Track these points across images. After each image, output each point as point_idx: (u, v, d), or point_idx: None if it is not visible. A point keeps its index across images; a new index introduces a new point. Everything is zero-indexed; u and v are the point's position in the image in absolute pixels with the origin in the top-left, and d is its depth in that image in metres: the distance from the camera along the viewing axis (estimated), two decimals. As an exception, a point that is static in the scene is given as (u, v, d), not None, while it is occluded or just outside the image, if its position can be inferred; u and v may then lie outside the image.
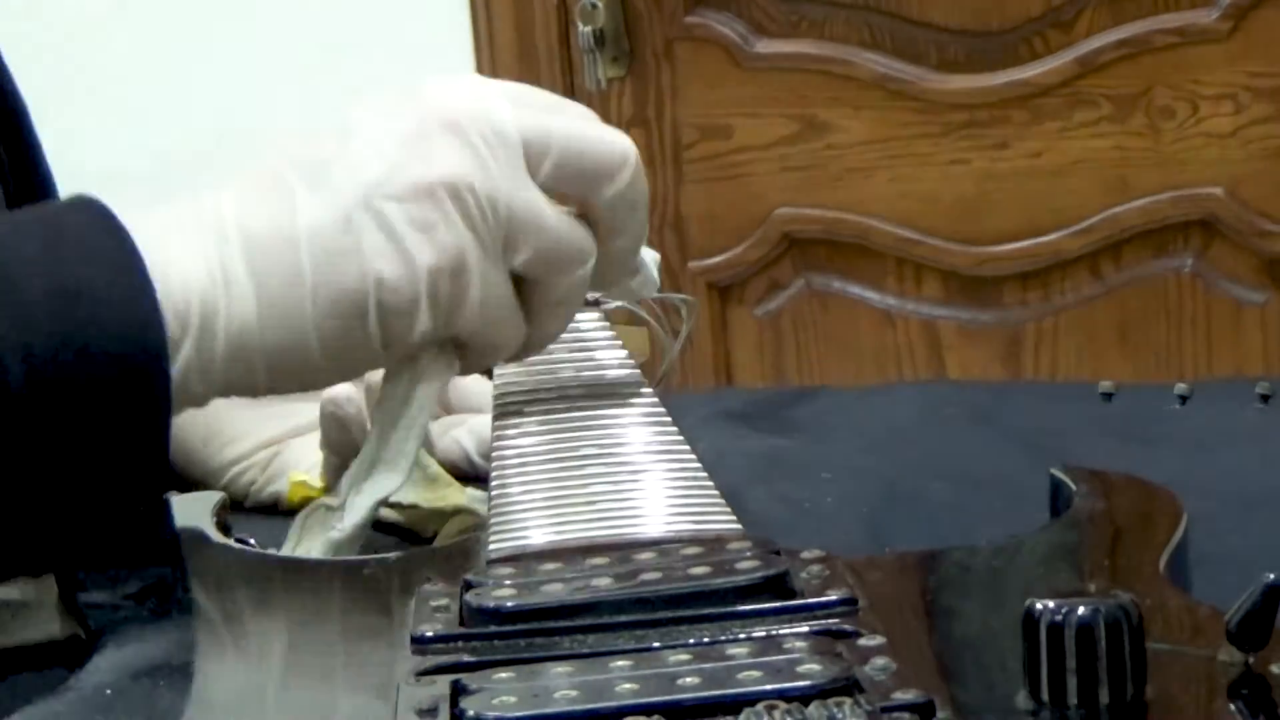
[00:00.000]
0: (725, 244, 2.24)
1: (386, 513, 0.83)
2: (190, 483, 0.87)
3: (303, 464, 0.87)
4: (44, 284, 0.61)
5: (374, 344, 0.66)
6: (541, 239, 0.68)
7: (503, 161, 0.68)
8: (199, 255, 0.64)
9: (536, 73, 2.24)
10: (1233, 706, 0.46)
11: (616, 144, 0.72)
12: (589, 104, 2.58)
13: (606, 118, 2.55)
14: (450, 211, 0.66)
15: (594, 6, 2.20)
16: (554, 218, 0.69)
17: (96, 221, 0.64)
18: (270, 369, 0.65)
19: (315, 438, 0.85)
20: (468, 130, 0.67)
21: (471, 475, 0.85)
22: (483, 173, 0.67)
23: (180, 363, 0.63)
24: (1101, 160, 2.13)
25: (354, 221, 0.65)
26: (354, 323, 0.65)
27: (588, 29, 2.20)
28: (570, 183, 0.70)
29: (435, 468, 0.83)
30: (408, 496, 0.82)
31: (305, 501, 0.83)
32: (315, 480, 0.85)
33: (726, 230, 2.24)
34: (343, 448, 0.81)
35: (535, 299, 0.70)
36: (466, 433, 0.87)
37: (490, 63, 2.26)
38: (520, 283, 0.69)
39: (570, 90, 2.24)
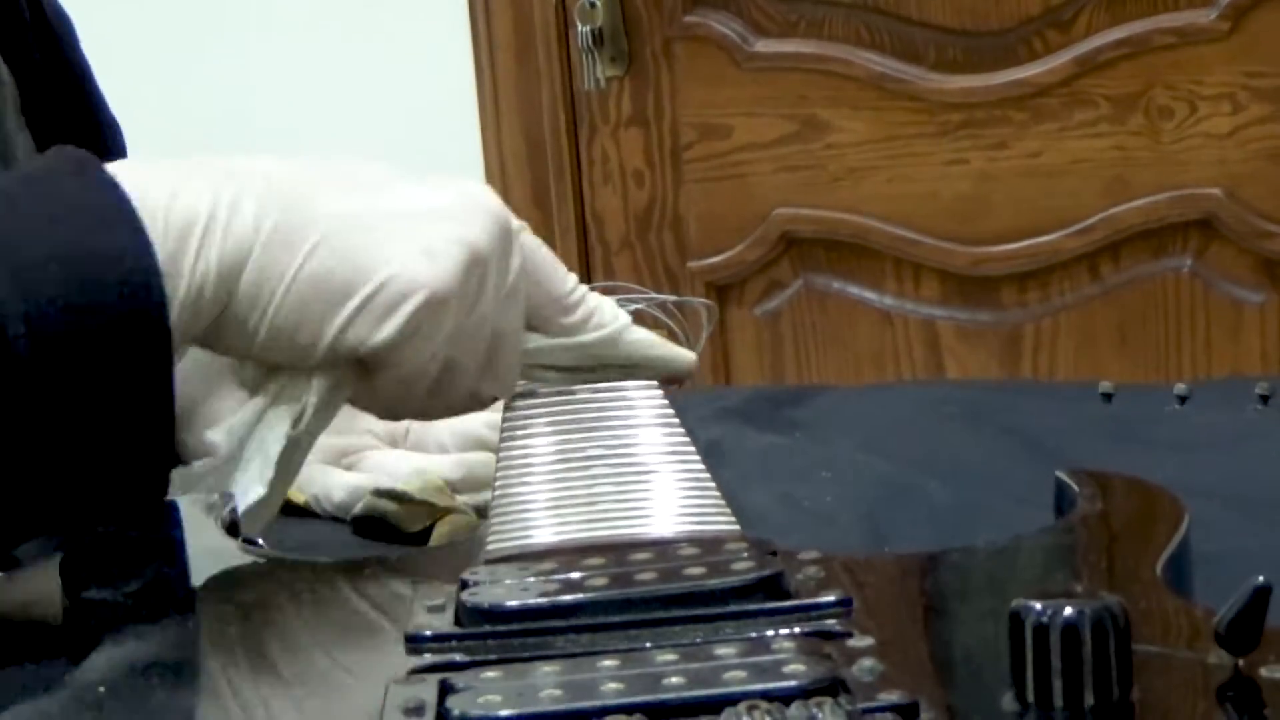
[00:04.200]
0: (724, 244, 2.25)
1: (379, 501, 0.83)
2: None
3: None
4: (44, 246, 0.62)
5: (329, 330, 0.66)
6: (503, 354, 0.71)
7: (504, 272, 0.70)
8: (208, 186, 0.65)
9: (535, 73, 2.24)
10: (1220, 709, 0.46)
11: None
12: (587, 103, 2.57)
13: (605, 117, 2.55)
14: (463, 262, 0.67)
15: (592, 6, 2.20)
16: (518, 348, 0.72)
17: (90, 177, 0.64)
18: (233, 319, 0.65)
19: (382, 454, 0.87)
20: (510, 233, 0.70)
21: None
22: (502, 266, 0.69)
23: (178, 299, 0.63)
24: (1100, 160, 2.13)
25: (375, 226, 0.67)
26: (327, 303, 0.66)
27: (586, 28, 2.20)
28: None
29: (432, 472, 0.83)
30: (400, 484, 0.83)
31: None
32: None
33: (725, 230, 2.24)
34: None
35: (437, 392, 0.71)
36: (444, 428, 0.88)
37: (489, 62, 2.27)
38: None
39: (569, 89, 2.24)
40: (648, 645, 0.52)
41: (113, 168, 0.65)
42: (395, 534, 0.83)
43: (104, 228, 0.63)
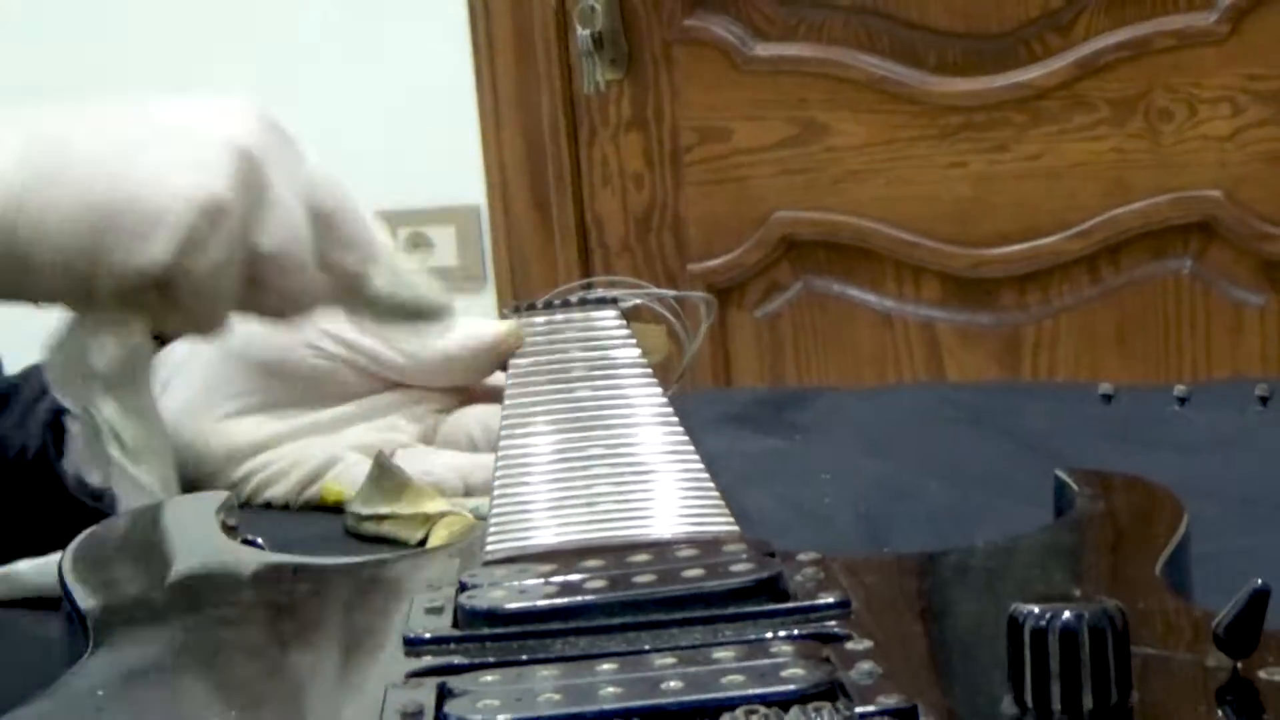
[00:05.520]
0: (724, 246, 2.24)
1: (360, 525, 0.83)
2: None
3: (334, 467, 0.89)
4: None
5: (103, 257, 0.66)
6: (291, 241, 0.69)
7: (292, 168, 0.69)
8: None
9: (535, 75, 2.24)
10: (1219, 712, 0.46)
11: (379, 236, 0.73)
12: (587, 106, 2.56)
13: (605, 120, 2.54)
14: (230, 160, 0.67)
15: (592, 9, 2.20)
16: (308, 237, 0.70)
17: None
18: (11, 257, 0.66)
19: (340, 438, 0.87)
20: (267, 121, 0.70)
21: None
22: (271, 156, 0.68)
23: None
24: (1100, 163, 2.13)
25: (136, 142, 0.67)
26: (100, 229, 0.66)
27: (586, 32, 2.20)
28: (325, 229, 0.71)
29: (404, 474, 0.83)
30: (378, 508, 0.83)
31: (341, 503, 0.85)
32: (351, 486, 0.87)
33: (725, 233, 2.24)
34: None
35: (248, 297, 0.70)
36: (474, 420, 0.88)
37: (489, 64, 2.26)
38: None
39: (569, 92, 2.24)
40: (646, 648, 0.52)
41: None
42: (395, 539, 0.83)
43: None
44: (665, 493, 0.66)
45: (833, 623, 0.53)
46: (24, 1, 2.35)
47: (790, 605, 0.55)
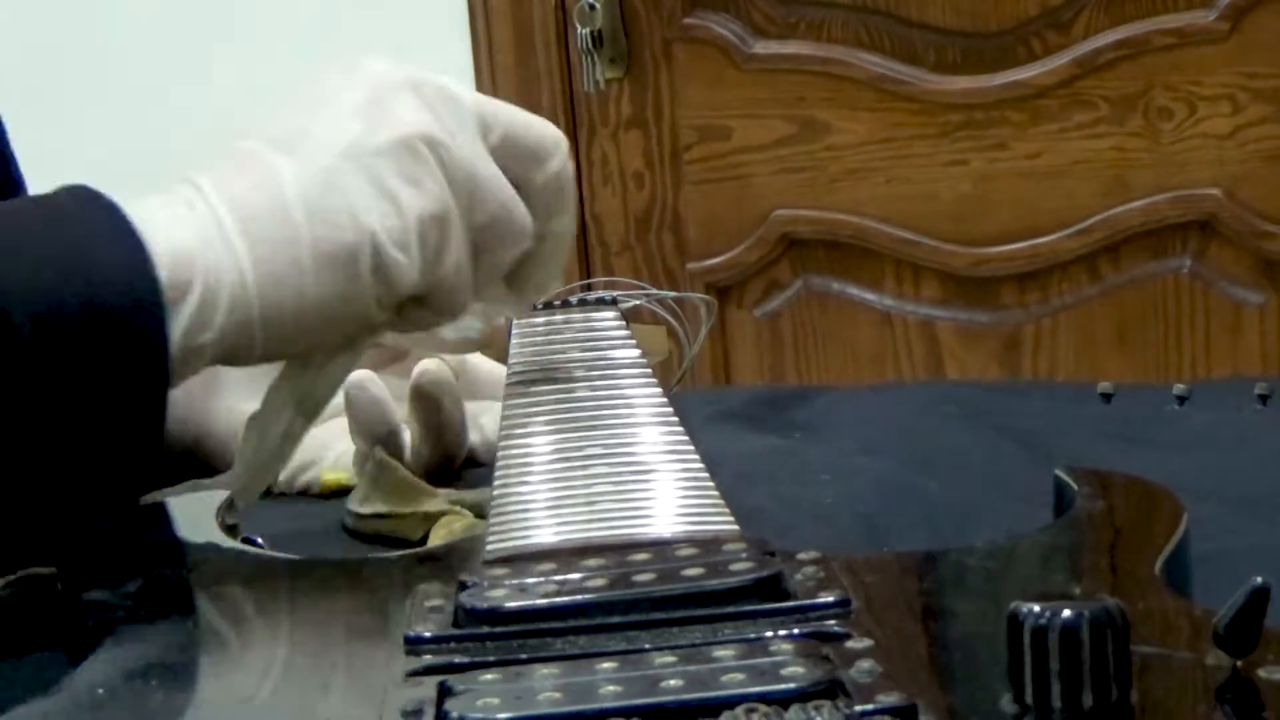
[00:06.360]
0: (724, 245, 2.25)
1: (359, 524, 0.83)
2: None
3: (328, 453, 0.88)
4: (46, 249, 0.64)
5: (367, 298, 0.68)
6: (498, 203, 0.70)
7: (460, 123, 0.70)
8: (189, 225, 0.66)
9: (535, 74, 2.24)
10: (1219, 711, 0.46)
11: (550, 129, 0.74)
12: (587, 105, 2.56)
13: (605, 119, 2.54)
14: (429, 162, 0.68)
15: (592, 8, 2.20)
16: (508, 185, 0.71)
17: (88, 199, 0.66)
18: (266, 330, 0.67)
19: (335, 425, 0.87)
20: (424, 91, 0.70)
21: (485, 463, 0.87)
22: (446, 131, 0.69)
23: (181, 324, 0.64)
24: (1099, 161, 2.13)
25: (340, 179, 0.67)
26: (348, 277, 0.67)
27: (586, 30, 2.20)
28: (512, 158, 0.72)
29: (403, 473, 0.83)
30: (377, 506, 0.83)
31: (340, 489, 0.85)
32: (348, 472, 0.87)
33: (725, 231, 2.24)
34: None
35: (478, 271, 0.71)
36: (490, 420, 0.89)
37: (489, 63, 2.27)
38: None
39: (568, 91, 2.24)
40: (646, 647, 0.52)
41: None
42: (394, 541, 0.83)
43: (107, 237, 0.64)
44: (665, 492, 0.66)
45: (832, 621, 0.53)
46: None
47: (790, 604, 0.55)
